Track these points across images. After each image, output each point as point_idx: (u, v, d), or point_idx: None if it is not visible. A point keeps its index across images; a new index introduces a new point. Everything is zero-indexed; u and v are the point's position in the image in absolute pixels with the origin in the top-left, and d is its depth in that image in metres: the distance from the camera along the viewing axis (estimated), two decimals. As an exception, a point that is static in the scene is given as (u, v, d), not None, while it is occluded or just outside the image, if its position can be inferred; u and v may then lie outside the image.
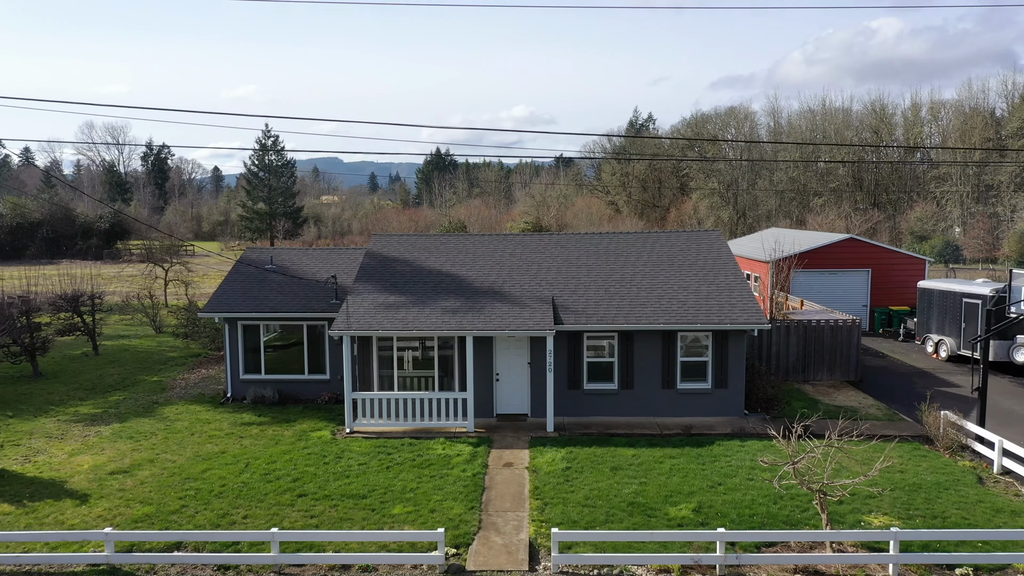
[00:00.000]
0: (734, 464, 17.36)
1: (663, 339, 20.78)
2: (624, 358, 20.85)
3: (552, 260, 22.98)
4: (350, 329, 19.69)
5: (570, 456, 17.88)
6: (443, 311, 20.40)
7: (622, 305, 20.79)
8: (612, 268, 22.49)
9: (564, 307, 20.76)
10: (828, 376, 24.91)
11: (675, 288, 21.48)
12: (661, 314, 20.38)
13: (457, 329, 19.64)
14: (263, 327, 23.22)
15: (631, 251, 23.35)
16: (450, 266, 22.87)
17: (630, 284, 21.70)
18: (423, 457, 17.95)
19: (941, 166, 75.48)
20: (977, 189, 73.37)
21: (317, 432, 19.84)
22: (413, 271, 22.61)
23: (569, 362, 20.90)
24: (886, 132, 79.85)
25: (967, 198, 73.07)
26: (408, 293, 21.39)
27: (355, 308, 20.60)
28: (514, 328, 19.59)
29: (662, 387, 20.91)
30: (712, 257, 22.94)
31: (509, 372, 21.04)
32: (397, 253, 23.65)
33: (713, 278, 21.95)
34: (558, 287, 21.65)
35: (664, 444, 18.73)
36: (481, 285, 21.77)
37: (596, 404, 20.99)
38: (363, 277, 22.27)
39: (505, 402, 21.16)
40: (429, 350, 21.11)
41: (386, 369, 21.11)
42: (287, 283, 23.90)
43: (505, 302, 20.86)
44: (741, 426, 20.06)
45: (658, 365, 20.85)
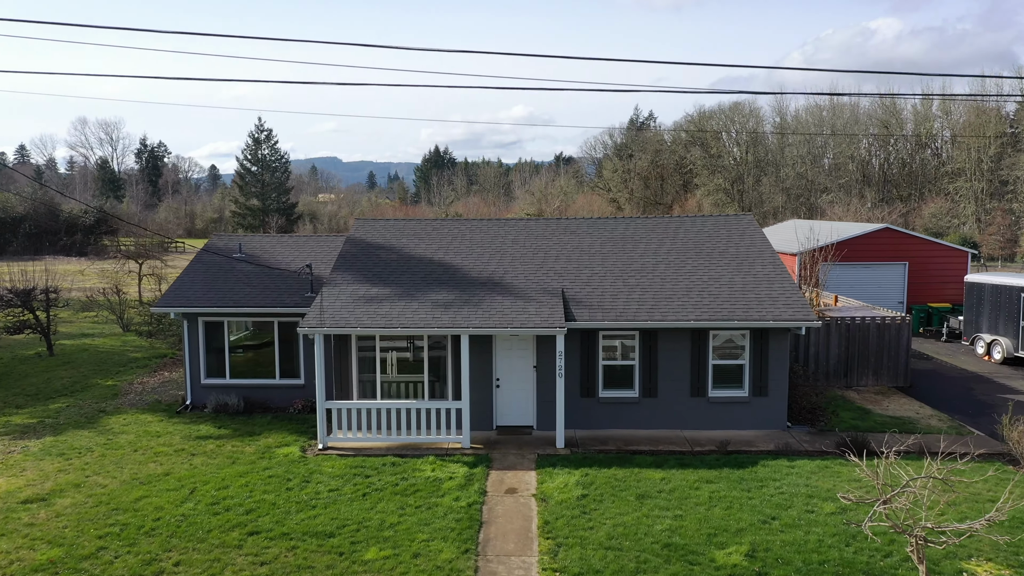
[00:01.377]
0: (786, 491, 14.05)
1: (692, 339, 17.49)
2: (646, 361, 17.55)
3: (561, 248, 19.68)
4: (323, 326, 16.39)
5: (586, 480, 14.57)
6: (434, 305, 17.11)
7: (644, 299, 17.49)
8: (630, 257, 19.19)
9: (576, 301, 17.47)
10: (874, 381, 21.61)
11: (705, 279, 18.19)
12: (690, 309, 17.09)
13: (450, 326, 16.35)
14: (227, 324, 19.88)
15: (652, 238, 20.05)
16: (443, 254, 19.56)
17: (652, 275, 18.40)
18: (408, 481, 14.63)
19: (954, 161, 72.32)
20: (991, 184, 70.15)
21: (284, 448, 16.52)
22: (400, 260, 19.30)
23: (582, 365, 17.61)
24: (896, 126, 76.66)
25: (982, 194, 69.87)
26: (394, 285, 18.09)
27: (331, 301, 17.29)
28: (518, 325, 16.30)
29: (691, 395, 17.61)
30: (746, 244, 19.65)
31: (511, 377, 17.75)
32: (382, 240, 20.34)
33: (749, 268, 18.65)
34: (568, 278, 18.35)
35: (697, 464, 15.42)
36: (479, 276, 18.47)
37: (614, 415, 17.69)
38: (342, 266, 18.96)
39: (507, 412, 17.87)
40: (418, 351, 17.80)
41: (367, 373, 17.80)
42: (257, 274, 20.58)
43: (507, 295, 17.56)
44: (785, 441, 16.76)
45: (686, 369, 17.55)
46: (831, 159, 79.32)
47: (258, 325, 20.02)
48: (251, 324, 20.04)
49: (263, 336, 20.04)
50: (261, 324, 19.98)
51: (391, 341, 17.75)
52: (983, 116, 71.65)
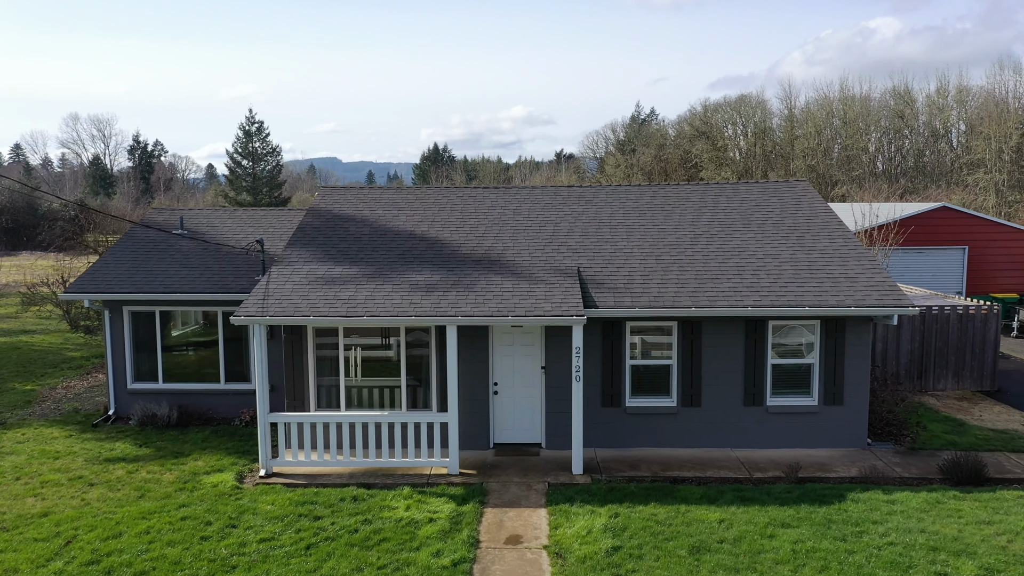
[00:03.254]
0: (897, 540, 9.91)
1: (747, 331, 13.33)
2: (687, 360, 13.40)
3: (575, 219, 15.53)
4: (265, 314, 12.23)
5: (617, 523, 10.43)
6: (413, 288, 12.96)
7: (684, 280, 13.34)
8: (662, 230, 15.05)
9: (596, 283, 13.32)
10: (954, 384, 17.46)
11: (760, 256, 14.04)
12: (745, 292, 12.94)
13: (433, 315, 12.19)
14: (160, 316, 15.72)
15: (687, 207, 15.91)
16: (427, 227, 15.40)
17: (692, 251, 14.25)
18: (371, 525, 10.48)
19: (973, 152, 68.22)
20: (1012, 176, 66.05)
21: (214, 476, 12.36)
22: (373, 234, 15.14)
23: (604, 366, 13.45)
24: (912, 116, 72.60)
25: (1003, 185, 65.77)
26: (363, 263, 13.93)
27: (280, 283, 13.14)
28: (522, 313, 12.14)
29: (744, 403, 13.46)
30: (804, 214, 15.50)
31: (513, 382, 13.61)
32: (352, 211, 16.18)
33: (813, 242, 14.50)
34: (586, 255, 14.21)
35: (763, 498, 11.28)
36: (472, 253, 14.33)
37: (645, 430, 13.54)
38: (299, 242, 14.80)
39: (507, 426, 13.72)
40: (393, 348, 13.66)
41: (328, 376, 13.65)
42: (200, 254, 16.41)
43: (508, 276, 13.41)
44: (871, 464, 12.61)
45: (738, 370, 13.40)
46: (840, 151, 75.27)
47: (200, 318, 15.86)
48: (194, 316, 15.88)
49: (207, 331, 15.88)
50: (204, 316, 15.83)
51: (359, 336, 13.60)
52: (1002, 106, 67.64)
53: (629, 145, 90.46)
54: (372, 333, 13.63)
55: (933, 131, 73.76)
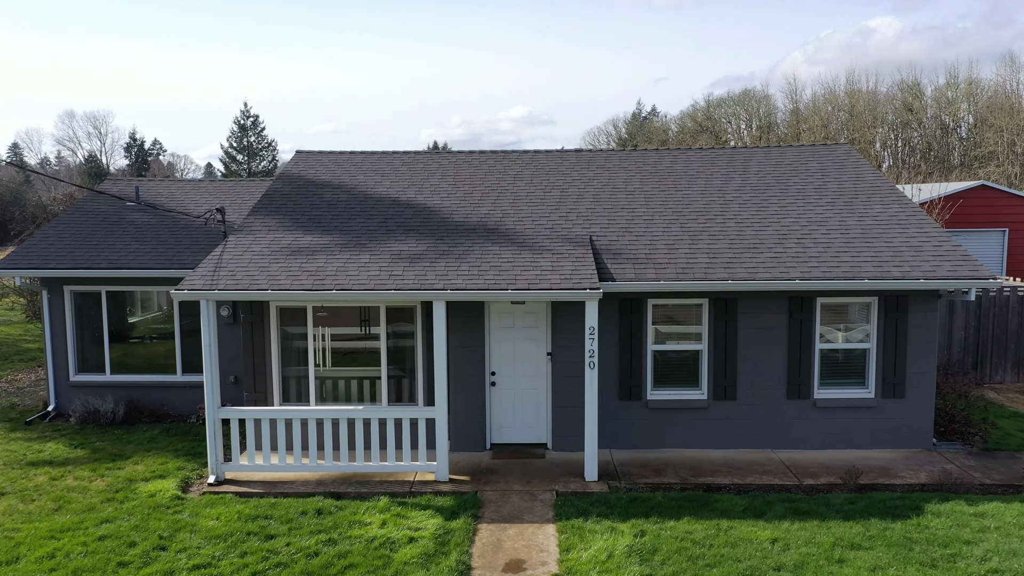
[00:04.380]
0: (1001, 566, 7.70)
1: (791, 310, 11.15)
2: (720, 345, 11.21)
3: (585, 185, 13.35)
4: (216, 287, 10.03)
5: (644, 544, 8.24)
6: (395, 259, 10.77)
7: (716, 249, 11.16)
8: (687, 196, 12.87)
9: (612, 253, 11.13)
10: (1014, 376, 15.24)
11: (803, 224, 11.85)
12: (790, 263, 10.75)
13: (417, 288, 9.99)
14: (107, 297, 13.54)
15: (713, 172, 13.73)
16: (414, 194, 13.22)
17: (723, 218, 12.08)
18: (337, 548, 8.29)
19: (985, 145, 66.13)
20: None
21: (153, 483, 10.17)
22: (352, 201, 12.95)
23: (622, 352, 11.26)
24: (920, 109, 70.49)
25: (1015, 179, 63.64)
26: (338, 232, 11.75)
27: (237, 254, 10.95)
28: (524, 287, 9.95)
29: (788, 396, 11.26)
30: (850, 179, 13.31)
31: (513, 371, 11.43)
32: (329, 176, 13.99)
33: (865, 208, 12.32)
34: (599, 222, 12.03)
35: (821, 510, 9.09)
36: (466, 220, 12.14)
37: (670, 427, 11.35)
38: (264, 209, 12.61)
39: (507, 424, 11.54)
40: (372, 329, 11.48)
41: (295, 366, 11.48)
42: (155, 227, 14.22)
43: (507, 244, 11.23)
44: (942, 468, 10.42)
45: (781, 357, 11.21)
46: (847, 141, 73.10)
47: (163, 303, 13.68)
48: (156, 302, 13.70)
49: (170, 320, 13.70)
50: (167, 302, 13.65)
51: (332, 318, 11.42)
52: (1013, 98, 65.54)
53: (631, 141, 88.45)
54: (347, 314, 11.45)
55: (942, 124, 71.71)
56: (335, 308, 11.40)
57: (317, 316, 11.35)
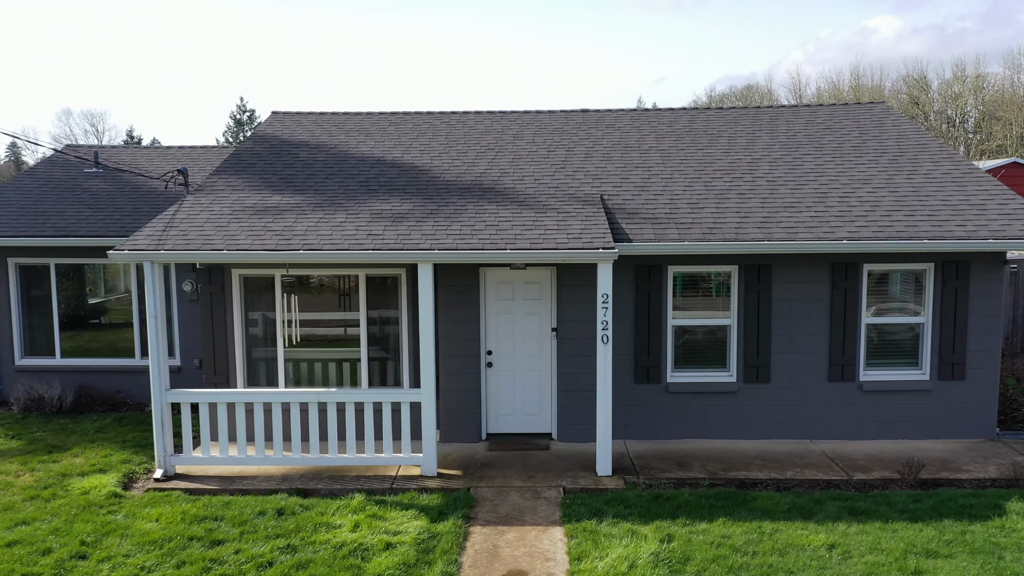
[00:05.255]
0: (1123, 580, 6.19)
1: (833, 278, 9.59)
2: (753, 318, 9.66)
3: (594, 143, 11.81)
4: (162, 247, 8.48)
5: (674, 552, 6.68)
6: (375, 218, 9.21)
7: (746, 208, 9.60)
8: (709, 154, 11.31)
9: (627, 212, 9.58)
10: (1068, 361, 13.70)
11: (843, 182, 10.29)
12: (834, 222, 9.19)
13: (399, 248, 8.43)
14: (56, 270, 12.01)
15: (737, 132, 12.18)
16: (401, 152, 11.67)
17: (752, 176, 10.53)
18: (296, 556, 6.73)
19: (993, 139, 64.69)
20: (1034, 163, 62.41)
21: (91, 479, 8.61)
22: (331, 160, 11.40)
23: (638, 328, 9.70)
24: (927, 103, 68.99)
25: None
26: (313, 192, 10.19)
27: (193, 214, 9.39)
28: (526, 246, 8.40)
29: (829, 378, 9.70)
30: (892, 137, 11.76)
31: (513, 350, 9.88)
32: (306, 136, 12.44)
33: (913, 167, 10.76)
34: (610, 180, 10.48)
35: (881, 510, 7.53)
36: (459, 179, 10.59)
37: (694, 414, 9.79)
38: (230, 169, 11.06)
39: (505, 410, 9.98)
40: (350, 304, 9.94)
41: (261, 346, 9.93)
42: (114, 194, 12.67)
43: (506, 203, 9.69)
44: (1013, 462, 8.83)
45: (822, 333, 9.65)
46: (854, 140, 71.74)
47: (122, 281, 12.14)
48: (122, 282, 12.16)
49: (128, 298, 12.16)
50: (125, 278, 12.11)
51: (306, 292, 9.89)
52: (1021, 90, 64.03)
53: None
54: (322, 287, 9.91)
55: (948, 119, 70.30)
56: (309, 280, 9.86)
57: (286, 286, 9.80)
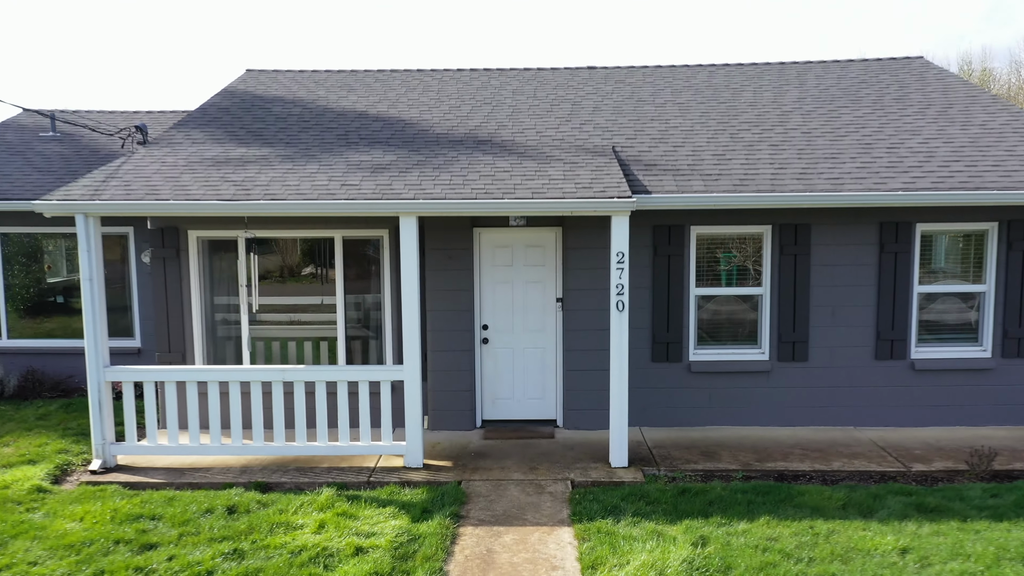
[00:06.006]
0: None
1: (881, 240, 8.27)
2: (787, 286, 8.36)
3: (603, 98, 10.51)
4: (98, 198, 7.18)
5: (710, 559, 5.37)
6: (354, 169, 7.90)
7: (780, 159, 8.30)
8: (732, 108, 10.00)
9: (644, 164, 8.27)
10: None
11: (888, 133, 8.99)
12: (884, 172, 7.89)
13: (380, 198, 7.12)
14: (0, 240, 10.71)
15: (762, 86, 10.88)
16: (386, 107, 10.37)
17: (782, 128, 9.23)
18: (244, 564, 5.42)
19: (1000, 131, 63.27)
20: (1043, 157, 61.01)
21: (16, 471, 7.29)
22: (307, 114, 10.09)
23: (656, 298, 8.40)
24: (933, 96, 67.56)
25: (1034, 166, 60.76)
26: (283, 145, 8.88)
27: (142, 165, 8.08)
28: (527, 196, 7.08)
29: (876, 355, 8.39)
30: (937, 89, 10.45)
31: (513, 323, 8.57)
32: (282, 92, 11.14)
33: (966, 118, 9.45)
34: (622, 132, 9.18)
35: (956, 506, 6.22)
36: (451, 132, 9.28)
37: (720, 398, 8.48)
38: (193, 122, 9.75)
39: (503, 393, 8.68)
40: (325, 269, 8.64)
41: (225, 321, 8.63)
42: (70, 158, 11.37)
43: (505, 154, 8.39)
44: (1096, 450, 7.56)
45: (868, 303, 8.35)
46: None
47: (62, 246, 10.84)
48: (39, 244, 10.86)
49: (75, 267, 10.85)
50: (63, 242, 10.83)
51: (274, 256, 8.59)
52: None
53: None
54: (293, 252, 8.61)
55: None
56: (277, 244, 8.56)
57: (251, 247, 8.49)
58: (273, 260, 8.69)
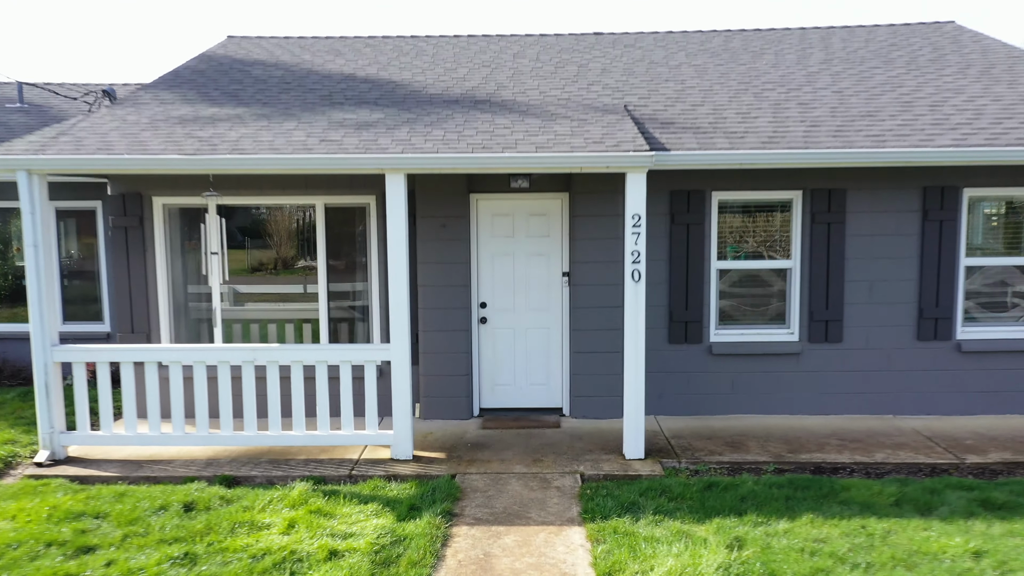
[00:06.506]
0: None
1: (924, 206, 7.41)
2: (820, 259, 7.48)
3: (613, 61, 9.65)
4: (42, 153, 6.31)
5: (748, 563, 4.49)
6: (335, 127, 7.04)
7: (812, 118, 7.42)
8: (753, 68, 9.11)
9: (661, 122, 7.39)
10: None
11: (928, 92, 8.12)
12: (929, 129, 7.03)
13: (361, 152, 6.25)
14: (-41, 216, 9.87)
15: (784, 49, 10.01)
16: (376, 70, 9.50)
17: (811, 88, 8.34)
18: (195, 570, 4.58)
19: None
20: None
21: (-50, 463, 6.48)
22: (289, 77, 9.22)
23: (673, 272, 7.54)
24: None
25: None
26: (260, 105, 8.01)
27: (100, 123, 7.22)
28: (530, 150, 6.22)
29: (918, 336, 7.52)
30: (975, 51, 9.56)
31: (514, 301, 7.71)
32: (264, 56, 10.27)
33: (1011, 78, 8.55)
34: (635, 92, 8.31)
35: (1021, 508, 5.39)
36: (445, 92, 8.40)
37: (745, 383, 7.62)
38: (163, 84, 8.89)
39: (503, 379, 7.81)
40: (307, 243, 7.79)
41: (195, 299, 7.78)
42: (35, 127, 10.54)
43: (503, 111, 7.52)
44: None
45: (909, 278, 7.48)
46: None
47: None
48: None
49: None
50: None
51: (249, 226, 7.73)
52: None
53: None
54: (271, 226, 7.76)
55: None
56: (253, 213, 7.71)
57: (223, 214, 7.63)
58: (249, 228, 7.83)
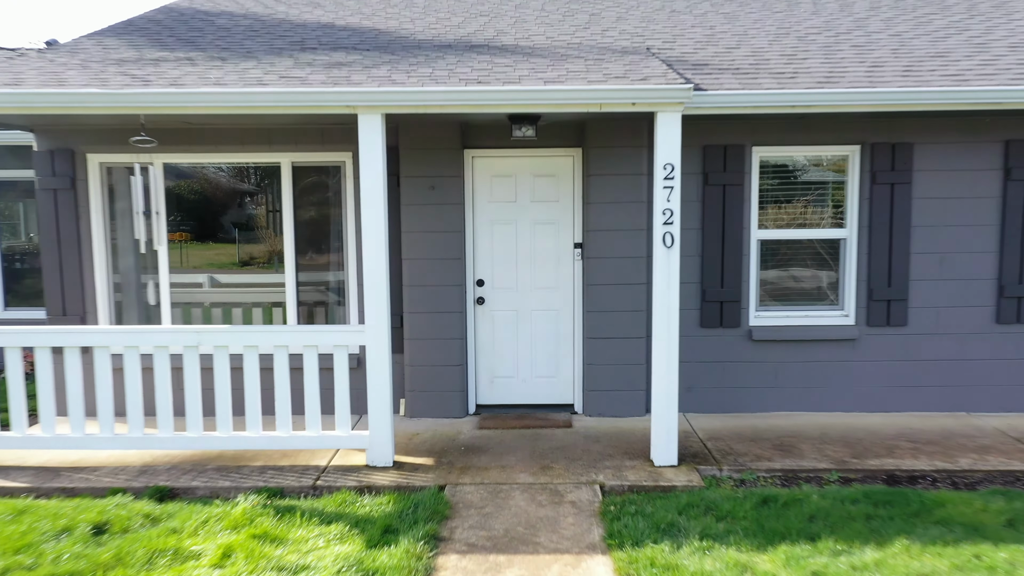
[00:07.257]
0: None
1: (1007, 164, 6.20)
2: (881, 227, 6.28)
3: (631, 10, 8.42)
4: (-62, 94, 5.13)
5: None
6: (302, 66, 5.85)
7: (870, 60, 6.21)
8: (791, 16, 7.85)
9: (692, 64, 6.19)
10: None
11: (1000, 34, 6.92)
12: (1016, 69, 5.83)
13: (332, 86, 5.07)
14: None
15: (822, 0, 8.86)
16: (359, 20, 8.31)
17: (863, 32, 7.13)
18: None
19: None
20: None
21: None
22: (257, 25, 8.04)
23: (707, 244, 6.34)
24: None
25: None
26: (218, 50, 6.83)
27: (25, 64, 6.05)
28: (538, 85, 5.02)
29: (998, 318, 6.32)
30: (1041, -1, 8.40)
31: (517, 280, 6.52)
32: (234, 8, 9.08)
33: (1094, 19, 7.41)
34: (659, 36, 7.11)
35: None
36: (436, 37, 7.20)
37: (792, 374, 6.42)
38: (112, 32, 7.68)
39: (503, 371, 6.61)
40: (275, 215, 6.60)
41: (140, 274, 6.59)
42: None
43: (503, 54, 6.33)
44: None
45: (987, 250, 6.27)
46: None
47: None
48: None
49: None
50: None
51: (202, 196, 6.54)
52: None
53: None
54: (230, 194, 6.56)
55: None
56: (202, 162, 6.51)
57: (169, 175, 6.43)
58: (199, 196, 6.63)
